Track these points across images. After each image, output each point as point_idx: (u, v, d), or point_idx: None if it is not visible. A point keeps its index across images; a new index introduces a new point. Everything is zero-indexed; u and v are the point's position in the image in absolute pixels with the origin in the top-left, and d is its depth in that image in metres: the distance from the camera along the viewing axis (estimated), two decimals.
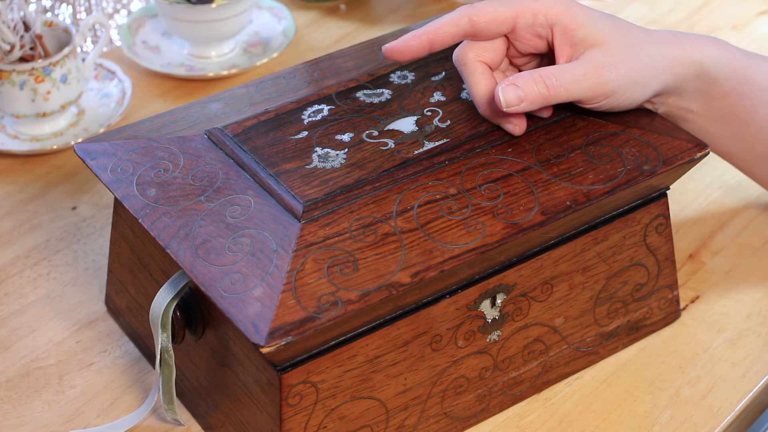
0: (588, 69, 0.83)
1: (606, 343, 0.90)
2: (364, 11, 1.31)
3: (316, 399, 0.77)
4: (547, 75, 0.82)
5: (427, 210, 0.79)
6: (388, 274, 0.75)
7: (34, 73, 1.08)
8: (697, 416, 0.86)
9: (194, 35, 1.20)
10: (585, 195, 0.81)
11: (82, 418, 0.87)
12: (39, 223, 1.03)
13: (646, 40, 0.86)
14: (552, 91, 0.82)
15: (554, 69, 0.82)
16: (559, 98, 0.82)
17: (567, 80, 0.82)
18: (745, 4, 1.30)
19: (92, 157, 0.86)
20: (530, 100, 0.81)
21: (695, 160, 0.86)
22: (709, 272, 0.97)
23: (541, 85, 0.81)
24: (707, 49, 0.88)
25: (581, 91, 0.83)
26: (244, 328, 0.72)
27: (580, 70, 0.83)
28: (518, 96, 0.81)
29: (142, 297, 0.89)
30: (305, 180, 0.80)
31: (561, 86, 0.82)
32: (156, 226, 0.79)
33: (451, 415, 0.84)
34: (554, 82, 0.81)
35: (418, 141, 0.84)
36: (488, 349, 0.84)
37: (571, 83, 0.82)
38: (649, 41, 0.86)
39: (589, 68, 0.83)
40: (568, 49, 0.84)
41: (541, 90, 0.81)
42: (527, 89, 0.81)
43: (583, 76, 0.82)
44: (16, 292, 0.97)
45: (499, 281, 0.82)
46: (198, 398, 0.85)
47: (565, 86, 0.82)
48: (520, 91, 0.81)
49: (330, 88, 0.89)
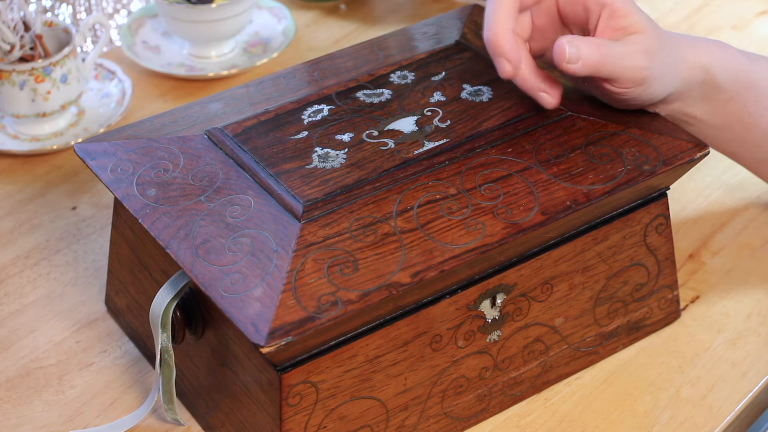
0: (632, 51, 0.83)
1: (606, 343, 0.90)
2: (364, 11, 1.31)
3: (316, 399, 0.77)
4: (603, 43, 0.82)
5: (427, 210, 0.79)
6: (388, 274, 0.75)
7: (34, 73, 1.08)
8: (697, 416, 0.86)
9: (194, 35, 1.20)
10: (585, 195, 0.81)
11: (82, 418, 0.87)
12: (39, 223, 1.03)
13: (669, 39, 0.87)
14: (603, 60, 0.82)
15: (606, 41, 0.83)
16: (605, 70, 0.83)
17: (616, 54, 0.83)
18: (745, 4, 1.30)
19: (92, 157, 0.86)
20: (585, 62, 0.82)
21: (695, 160, 0.86)
22: (709, 272, 0.97)
23: (596, 52, 0.82)
24: (712, 53, 0.88)
25: (624, 69, 0.83)
26: (244, 328, 0.72)
27: (626, 50, 0.83)
28: (577, 54, 0.81)
29: (142, 297, 0.89)
30: (305, 180, 0.80)
31: (610, 57, 0.82)
32: (156, 226, 0.79)
33: (451, 415, 0.84)
34: (607, 51, 0.82)
35: (418, 141, 0.84)
36: (488, 349, 0.84)
37: (618, 59, 0.83)
38: (671, 41, 0.87)
39: (632, 50, 0.83)
40: (610, 32, 0.84)
41: (596, 56, 0.82)
42: (586, 51, 0.81)
43: (628, 54, 0.83)
44: (16, 292, 0.97)
45: (499, 281, 0.82)
46: (198, 398, 0.85)
47: (613, 59, 0.82)
48: (579, 51, 0.81)
49: (330, 88, 0.89)
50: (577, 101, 0.88)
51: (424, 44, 0.94)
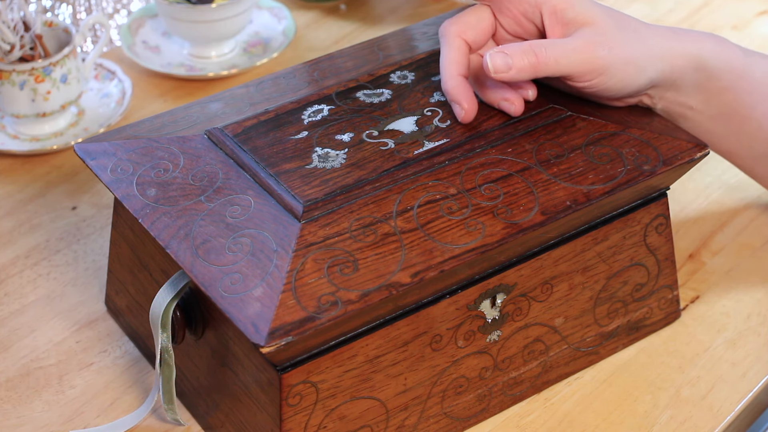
0: (579, 43, 0.83)
1: (606, 343, 0.90)
2: (364, 11, 1.31)
3: (316, 399, 0.77)
4: (537, 45, 0.82)
5: (427, 210, 0.79)
6: (388, 274, 0.75)
7: (34, 73, 1.08)
8: (697, 416, 0.86)
9: (194, 35, 1.20)
10: (585, 195, 0.81)
11: (82, 418, 0.87)
12: (39, 223, 1.03)
13: (643, 29, 0.86)
14: (541, 60, 0.81)
15: (545, 41, 0.83)
16: (549, 69, 0.82)
17: (557, 52, 0.82)
18: (745, 4, 1.30)
19: (92, 157, 0.86)
20: (519, 68, 0.81)
21: (695, 160, 0.86)
22: (709, 272, 0.97)
23: (530, 55, 0.81)
24: (705, 44, 0.88)
25: (571, 64, 0.82)
26: (244, 328, 0.72)
27: (571, 44, 0.83)
28: (506, 63, 0.81)
29: (142, 297, 0.89)
30: (305, 180, 0.80)
31: (551, 57, 0.82)
32: (156, 226, 0.79)
33: (451, 415, 0.84)
34: (544, 52, 0.81)
35: (418, 141, 0.84)
36: (488, 349, 0.84)
37: (562, 56, 0.82)
38: (646, 31, 0.86)
39: (580, 43, 0.83)
40: (560, 29, 0.84)
41: (530, 59, 0.81)
42: (516, 57, 0.81)
43: (573, 49, 0.82)
44: (16, 292, 0.97)
45: (499, 281, 0.82)
46: (198, 398, 0.85)
47: (555, 57, 0.82)
48: (509, 58, 0.81)
49: (330, 88, 0.89)
50: (577, 101, 0.88)
51: (424, 44, 0.95)
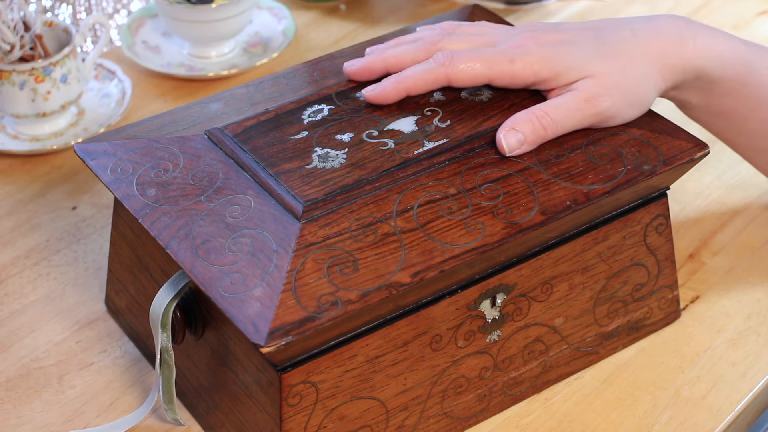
0: (580, 102, 0.84)
1: (606, 343, 0.90)
2: (364, 11, 1.31)
3: (316, 399, 0.77)
4: (542, 116, 0.83)
5: (427, 210, 0.79)
6: (388, 274, 0.75)
7: (34, 73, 1.08)
8: (697, 416, 0.86)
9: (194, 35, 1.20)
10: (585, 195, 0.81)
11: (82, 418, 0.87)
12: (39, 223, 1.03)
13: (638, 55, 0.86)
14: (549, 131, 0.83)
15: (549, 107, 0.84)
16: (558, 134, 0.84)
17: (561, 117, 0.84)
18: (745, 4, 1.30)
19: (92, 157, 0.86)
20: (530, 142, 0.83)
21: (695, 160, 0.86)
22: (709, 272, 0.97)
23: (537, 126, 0.83)
24: (711, 51, 0.88)
25: (577, 123, 0.84)
26: (244, 328, 0.72)
27: (573, 105, 0.84)
28: (519, 140, 0.83)
29: (142, 297, 0.89)
30: (305, 180, 0.80)
31: (557, 124, 0.84)
32: (156, 226, 0.79)
33: (451, 415, 0.84)
34: (549, 121, 0.83)
35: (418, 141, 0.84)
36: (488, 349, 0.84)
37: (566, 119, 0.84)
38: (641, 56, 0.86)
39: (581, 101, 0.84)
40: (557, 92, 0.86)
41: (539, 131, 0.83)
42: (527, 132, 0.83)
43: (576, 110, 0.84)
44: (16, 292, 0.97)
45: (499, 281, 0.82)
46: (198, 398, 0.85)
47: (561, 123, 0.84)
48: (521, 134, 0.83)
49: (330, 88, 0.89)
50: None
51: None
